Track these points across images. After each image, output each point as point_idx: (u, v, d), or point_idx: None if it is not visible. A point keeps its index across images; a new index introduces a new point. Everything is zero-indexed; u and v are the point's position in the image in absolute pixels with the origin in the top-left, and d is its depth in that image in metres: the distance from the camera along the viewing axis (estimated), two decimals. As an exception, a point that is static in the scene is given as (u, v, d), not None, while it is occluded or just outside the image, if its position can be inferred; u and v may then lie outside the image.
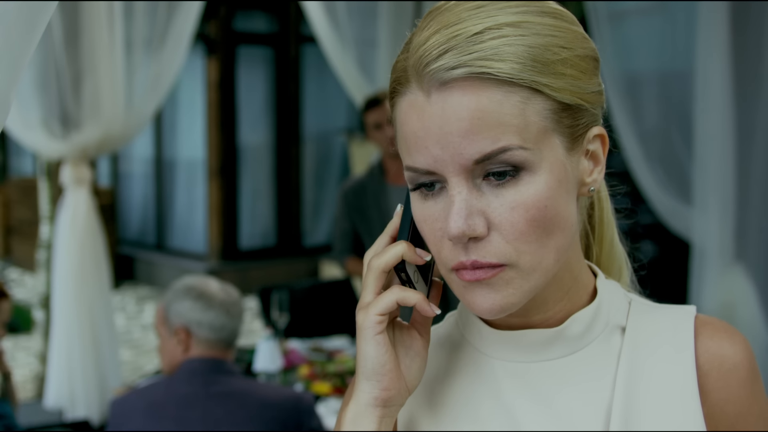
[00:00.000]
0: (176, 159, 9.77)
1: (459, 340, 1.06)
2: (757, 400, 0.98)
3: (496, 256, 0.89)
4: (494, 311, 0.91)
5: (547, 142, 0.89)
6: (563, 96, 0.89)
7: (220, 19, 8.84)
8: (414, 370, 0.97)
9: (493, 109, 0.86)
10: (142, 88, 4.50)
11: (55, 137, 4.30)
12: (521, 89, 0.87)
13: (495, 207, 0.88)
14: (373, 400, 0.94)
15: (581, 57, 0.93)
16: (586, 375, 0.98)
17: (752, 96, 3.26)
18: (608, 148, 0.98)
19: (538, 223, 0.88)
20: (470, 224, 0.88)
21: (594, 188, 0.96)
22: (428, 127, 0.88)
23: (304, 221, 9.77)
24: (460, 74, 0.86)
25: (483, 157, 0.87)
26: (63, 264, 4.29)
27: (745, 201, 3.31)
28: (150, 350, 7.25)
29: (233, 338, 2.57)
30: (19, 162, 12.57)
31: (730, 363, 0.97)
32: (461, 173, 0.88)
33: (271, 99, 9.40)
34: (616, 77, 3.75)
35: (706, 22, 3.27)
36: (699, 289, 3.40)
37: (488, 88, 0.86)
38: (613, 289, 1.04)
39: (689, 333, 0.99)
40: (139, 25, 4.43)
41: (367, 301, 0.95)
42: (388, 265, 0.94)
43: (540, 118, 0.88)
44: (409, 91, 0.90)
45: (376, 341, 0.94)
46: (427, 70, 0.88)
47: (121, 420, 2.40)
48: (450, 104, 0.87)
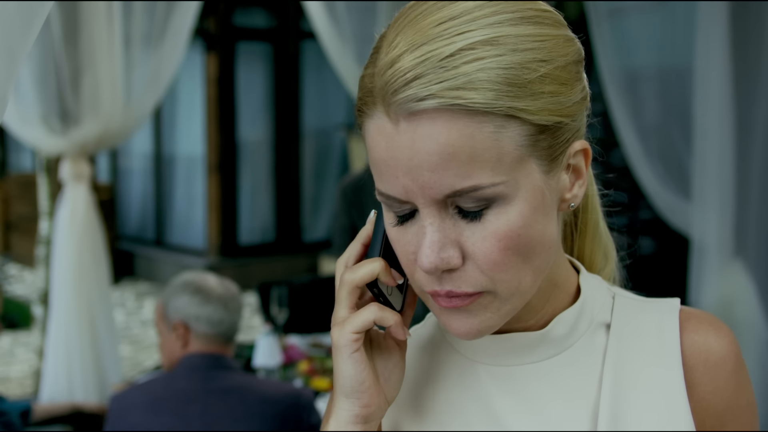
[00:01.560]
0: (175, 155, 9.77)
1: (441, 342, 1.05)
2: (744, 392, 0.98)
3: (472, 286, 0.86)
4: (471, 335, 0.89)
5: (522, 170, 0.84)
6: (541, 117, 0.83)
7: (220, 14, 8.84)
8: (393, 382, 0.96)
9: (465, 143, 0.81)
10: (141, 84, 4.49)
11: (54, 133, 4.30)
12: (495, 117, 0.81)
13: (468, 236, 0.85)
14: (353, 417, 0.93)
15: (562, 67, 0.86)
16: (571, 376, 0.97)
17: (752, 92, 3.26)
18: (590, 160, 0.93)
19: (512, 251, 0.85)
20: (443, 257, 0.85)
21: (574, 204, 0.92)
22: (397, 157, 0.83)
23: (303, 217, 9.77)
24: (430, 106, 0.80)
25: (453, 193, 0.83)
26: (62, 260, 4.29)
27: (745, 197, 3.31)
28: (149, 346, 7.25)
29: (232, 333, 2.57)
30: (19, 158, 12.58)
31: (716, 356, 0.96)
32: (432, 205, 0.84)
33: (270, 95, 9.40)
34: (616, 73, 3.74)
35: (706, 18, 3.26)
36: (698, 284, 3.40)
37: (460, 119, 0.80)
38: (596, 284, 1.02)
39: (674, 327, 0.98)
40: (138, 21, 4.42)
41: (341, 316, 0.93)
42: (363, 282, 0.92)
43: (515, 146, 0.83)
44: (376, 116, 0.85)
45: (353, 359, 0.92)
46: (395, 98, 0.82)
47: (121, 415, 2.40)
48: (420, 136, 0.81)
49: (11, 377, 6.45)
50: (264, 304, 4.52)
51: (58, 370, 4.26)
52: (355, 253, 0.97)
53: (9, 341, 7.43)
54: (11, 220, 11.33)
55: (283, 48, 9.37)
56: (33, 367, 5.28)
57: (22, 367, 6.64)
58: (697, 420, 0.95)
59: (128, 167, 10.55)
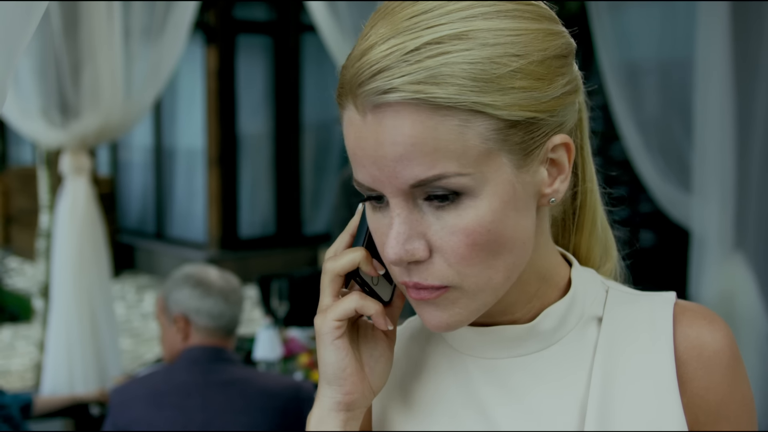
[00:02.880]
0: (176, 148, 9.77)
1: (432, 334, 1.04)
2: (739, 387, 0.96)
3: (438, 279, 0.86)
4: (442, 328, 0.89)
5: (491, 164, 0.83)
6: (510, 113, 0.82)
7: (220, 7, 8.83)
8: (378, 372, 0.96)
9: (428, 135, 0.81)
10: (141, 77, 4.49)
11: (55, 126, 4.30)
12: (460, 112, 0.81)
13: (436, 230, 0.85)
14: (335, 404, 0.94)
15: (538, 62, 0.84)
16: (560, 370, 0.96)
17: (752, 85, 3.26)
18: (573, 155, 0.91)
19: (480, 247, 0.84)
20: (408, 249, 0.84)
21: (555, 199, 0.90)
22: (364, 147, 0.84)
23: (303, 210, 9.77)
24: (392, 99, 0.81)
25: (418, 183, 0.83)
26: (63, 253, 4.29)
27: (745, 189, 3.31)
28: (150, 339, 7.26)
29: (233, 326, 2.57)
30: (19, 151, 12.58)
31: (710, 351, 0.94)
32: (399, 195, 0.84)
33: (270, 88, 9.39)
34: (616, 66, 3.74)
35: (706, 11, 3.26)
36: (698, 277, 3.41)
37: (422, 112, 0.81)
38: (589, 278, 1.01)
39: (668, 321, 0.96)
40: (138, 14, 4.41)
41: (325, 304, 0.94)
42: (344, 270, 0.93)
43: (481, 141, 0.82)
44: (348, 107, 0.86)
45: (334, 346, 0.92)
46: (360, 90, 0.83)
47: (121, 409, 2.41)
48: (384, 127, 0.82)
49: (12, 370, 6.46)
50: (264, 297, 4.52)
51: (58, 363, 4.26)
52: (343, 244, 0.97)
53: (9, 334, 7.44)
54: (11, 214, 11.33)
55: (284, 41, 9.36)
56: (33, 360, 5.29)
57: (22, 360, 6.65)
58: (690, 415, 0.94)
59: (128, 160, 10.55)
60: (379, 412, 1.03)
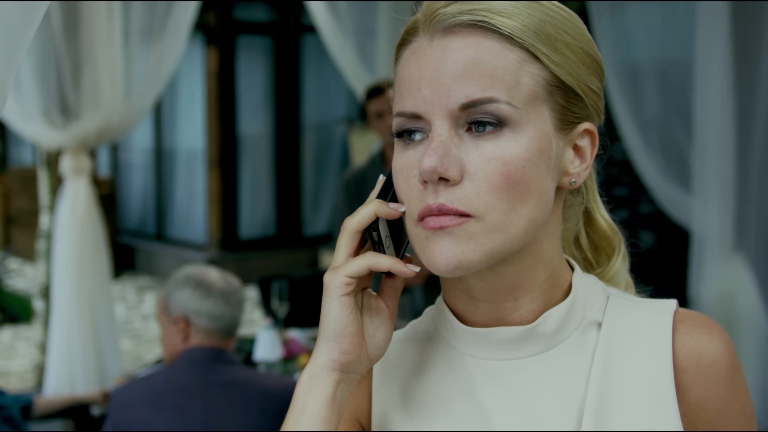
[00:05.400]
0: (176, 149, 9.77)
1: (434, 335, 1.05)
2: (738, 397, 0.96)
3: (464, 204, 0.88)
4: (451, 265, 0.89)
5: (535, 109, 0.90)
6: (560, 71, 0.91)
7: (220, 8, 8.82)
8: (378, 340, 0.96)
9: (489, 59, 0.88)
10: (141, 78, 4.49)
11: (55, 127, 4.30)
12: (520, 50, 0.89)
13: (473, 157, 0.88)
14: (330, 362, 0.93)
15: (585, 51, 0.94)
16: (559, 373, 0.96)
17: (752, 85, 3.26)
18: (597, 151, 0.97)
19: (512, 181, 0.87)
20: (444, 163, 0.87)
21: (576, 181, 0.95)
22: (424, 68, 0.90)
23: (304, 211, 9.77)
24: (464, 20, 0.89)
25: (469, 103, 0.87)
26: (63, 254, 4.29)
27: (745, 190, 3.31)
28: (150, 340, 7.26)
29: (233, 327, 2.57)
30: (19, 152, 12.58)
31: (708, 359, 0.94)
32: (446, 117, 0.88)
33: (270, 89, 9.39)
34: (616, 67, 3.74)
35: (706, 11, 3.26)
36: (699, 278, 3.40)
37: (489, 39, 0.88)
38: (590, 283, 1.02)
39: (667, 328, 0.96)
40: (138, 15, 4.42)
41: (338, 262, 0.94)
42: (362, 224, 0.93)
43: (533, 83, 0.89)
44: (415, 40, 0.93)
45: (340, 302, 0.92)
46: (435, 15, 0.90)
47: (122, 409, 2.40)
48: (449, 48, 0.89)
49: (12, 371, 6.46)
50: (264, 298, 4.52)
51: (59, 364, 4.27)
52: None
53: (10, 335, 7.44)
54: (12, 215, 11.33)
55: (284, 42, 9.36)
56: (34, 361, 5.29)
57: (22, 361, 6.65)
58: (687, 423, 0.94)
59: (129, 161, 10.54)
60: (380, 412, 1.03)
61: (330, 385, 0.93)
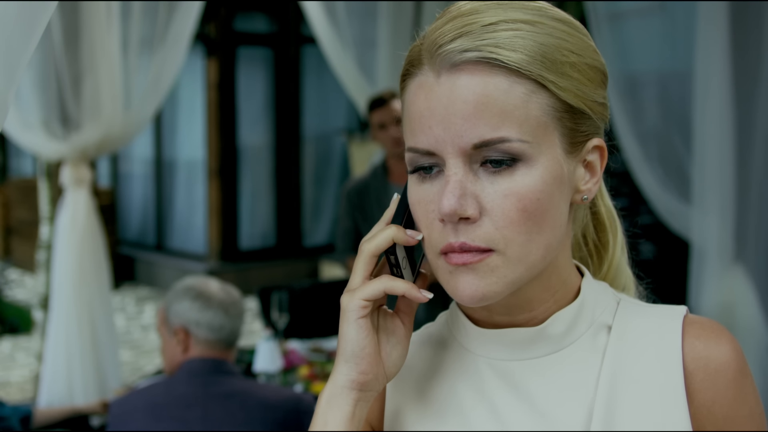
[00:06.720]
0: (176, 159, 9.77)
1: (447, 338, 1.07)
2: (746, 402, 0.97)
3: (484, 241, 0.90)
4: (476, 298, 0.92)
5: (546, 138, 0.91)
6: (567, 96, 0.91)
7: (220, 19, 8.84)
8: (394, 357, 0.98)
9: (498, 96, 0.88)
10: (141, 89, 4.50)
11: (55, 138, 4.30)
12: (527, 81, 0.89)
13: (489, 193, 0.90)
14: (349, 382, 0.96)
15: (590, 66, 0.95)
16: (569, 373, 0.98)
17: (752, 96, 3.26)
18: (606, 163, 0.99)
19: (529, 214, 0.90)
20: (462, 203, 0.89)
21: (587, 197, 0.97)
22: (434, 107, 0.91)
23: (303, 222, 9.77)
24: (470, 57, 0.89)
25: (482, 143, 0.89)
26: (63, 264, 4.29)
27: (745, 201, 3.31)
28: (150, 351, 7.25)
29: (233, 338, 2.57)
30: (19, 163, 12.58)
31: (716, 363, 0.96)
32: (459, 156, 0.90)
33: (270, 99, 9.41)
34: (616, 78, 3.74)
35: (706, 23, 3.26)
36: (698, 289, 3.40)
37: (496, 75, 0.89)
38: (600, 289, 1.05)
39: (677, 333, 0.98)
40: (138, 26, 4.42)
41: (355, 284, 0.96)
42: (379, 249, 0.95)
43: (541, 113, 0.90)
44: (421, 73, 0.93)
45: (357, 324, 0.94)
46: (440, 51, 0.90)
47: (121, 420, 2.40)
48: (458, 86, 0.89)
49: (11, 382, 6.45)
50: (264, 308, 4.51)
51: (57, 374, 4.26)
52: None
53: (9, 346, 7.43)
54: (12, 225, 11.33)
55: (284, 53, 9.38)
56: (33, 371, 5.28)
57: (22, 371, 6.64)
58: (696, 427, 0.95)
59: (129, 172, 10.55)
60: (393, 412, 1.05)
61: (349, 404, 0.96)
